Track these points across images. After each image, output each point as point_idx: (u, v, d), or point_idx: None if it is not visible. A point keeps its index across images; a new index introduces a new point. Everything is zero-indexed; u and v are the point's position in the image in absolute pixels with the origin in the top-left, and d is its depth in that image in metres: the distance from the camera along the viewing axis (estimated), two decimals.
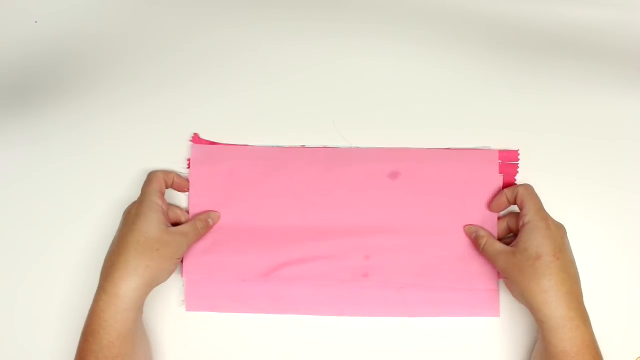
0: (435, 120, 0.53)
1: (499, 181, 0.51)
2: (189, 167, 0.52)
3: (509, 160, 0.51)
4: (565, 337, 0.41)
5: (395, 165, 0.51)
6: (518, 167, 0.51)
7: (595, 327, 0.49)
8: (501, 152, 0.51)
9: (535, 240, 0.44)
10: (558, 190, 0.51)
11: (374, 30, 0.55)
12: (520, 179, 0.51)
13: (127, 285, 0.43)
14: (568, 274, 0.43)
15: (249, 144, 0.52)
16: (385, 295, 0.50)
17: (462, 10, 0.55)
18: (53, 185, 0.52)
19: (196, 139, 0.52)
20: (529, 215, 0.45)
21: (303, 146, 0.52)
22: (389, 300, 0.50)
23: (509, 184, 0.51)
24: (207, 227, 0.50)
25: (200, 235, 0.50)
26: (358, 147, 0.52)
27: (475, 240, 0.49)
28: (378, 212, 0.51)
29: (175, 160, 0.52)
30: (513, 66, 0.54)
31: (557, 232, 0.45)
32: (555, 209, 0.51)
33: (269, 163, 0.52)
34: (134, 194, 0.51)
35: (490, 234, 0.49)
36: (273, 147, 0.52)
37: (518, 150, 0.51)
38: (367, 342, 0.50)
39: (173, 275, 0.50)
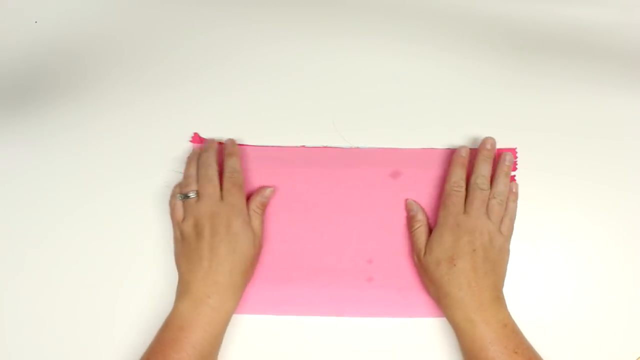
0: (435, 120, 0.53)
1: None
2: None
3: None
4: (466, 338, 0.44)
5: (397, 164, 0.51)
6: (517, 165, 0.51)
7: (595, 327, 0.49)
8: (500, 150, 0.51)
9: (437, 244, 0.46)
10: (557, 189, 0.51)
11: (374, 29, 0.55)
12: (520, 179, 0.51)
13: (233, 304, 0.46)
14: (466, 277, 0.44)
15: (249, 144, 0.52)
16: (386, 296, 0.50)
17: (464, 10, 0.55)
18: (53, 185, 0.52)
19: (196, 139, 0.52)
20: (441, 215, 0.47)
21: (303, 146, 0.52)
22: (389, 301, 0.50)
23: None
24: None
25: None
26: (358, 147, 0.52)
27: (410, 220, 0.50)
28: (379, 211, 0.51)
29: (175, 159, 0.52)
30: (513, 66, 0.54)
31: (461, 234, 0.45)
32: (555, 208, 0.51)
33: (269, 163, 0.52)
34: (134, 194, 0.52)
35: (427, 222, 0.49)
36: (273, 146, 0.52)
37: (516, 148, 0.51)
38: (366, 343, 0.50)
39: (172, 275, 0.50)
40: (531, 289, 0.50)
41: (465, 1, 0.55)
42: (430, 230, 0.48)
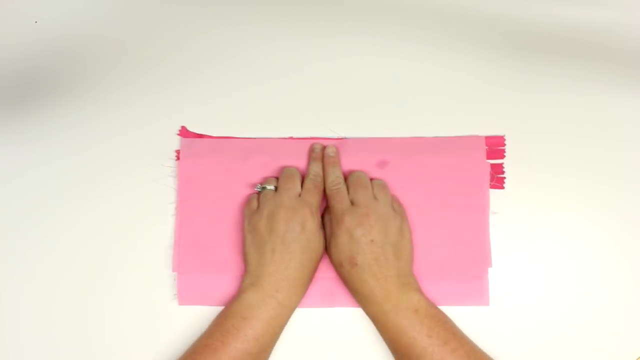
0: (435, 119, 0.53)
1: (486, 167, 0.51)
2: (177, 159, 0.52)
3: (495, 146, 0.52)
4: (381, 328, 0.45)
5: (383, 154, 0.51)
6: (505, 152, 0.51)
7: (595, 327, 0.49)
8: (487, 138, 0.52)
9: (334, 246, 0.46)
10: (557, 189, 0.51)
11: (373, 29, 0.55)
12: (520, 179, 0.51)
13: (298, 300, 0.46)
14: (368, 273, 0.44)
15: (237, 136, 0.53)
16: None
17: (464, 10, 0.55)
18: (53, 185, 0.52)
19: (184, 132, 0.53)
20: (331, 219, 0.47)
21: (290, 137, 0.52)
22: None
23: (496, 170, 0.51)
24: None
25: None
26: (345, 137, 0.52)
27: (326, 206, 0.49)
28: None
29: (175, 159, 0.52)
30: (513, 66, 0.54)
31: (354, 227, 0.45)
32: (555, 208, 0.51)
33: (257, 154, 0.52)
34: (134, 194, 0.52)
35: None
36: (261, 138, 0.52)
37: (504, 136, 0.52)
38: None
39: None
40: (531, 289, 0.50)
41: (465, 1, 0.55)
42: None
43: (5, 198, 0.52)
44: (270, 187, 0.48)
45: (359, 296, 0.46)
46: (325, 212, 0.49)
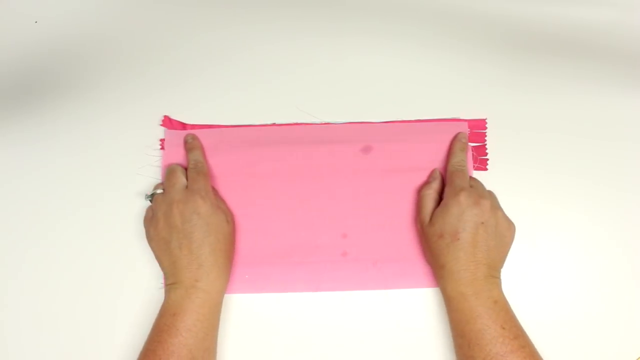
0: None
1: (468, 150, 0.51)
2: (162, 148, 0.52)
3: (477, 129, 0.52)
4: (456, 309, 0.44)
5: (368, 139, 0.52)
6: (486, 136, 0.52)
7: (595, 327, 0.49)
8: (470, 121, 0.52)
9: (441, 216, 0.46)
10: (558, 190, 0.51)
11: (373, 30, 0.55)
12: (520, 179, 0.51)
13: (222, 283, 0.46)
14: (464, 252, 0.45)
15: (221, 124, 0.53)
16: (361, 270, 0.50)
17: (464, 10, 0.55)
18: (53, 185, 0.52)
19: (166, 122, 0.53)
20: (446, 192, 0.48)
21: (274, 123, 0.52)
22: (365, 274, 0.50)
23: (479, 152, 0.51)
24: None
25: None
26: (329, 123, 0.52)
27: (423, 185, 0.50)
28: (352, 186, 0.51)
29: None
30: (513, 66, 0.54)
31: (469, 206, 0.45)
32: (554, 208, 0.51)
33: (240, 142, 0.52)
34: (135, 194, 0.52)
35: (439, 193, 0.49)
36: (244, 126, 0.52)
37: (486, 119, 0.52)
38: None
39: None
40: (531, 289, 0.50)
41: (465, 1, 0.55)
42: (438, 203, 0.48)
43: (5, 199, 0.52)
44: (159, 190, 0.49)
45: (444, 271, 0.45)
46: (426, 187, 0.49)
